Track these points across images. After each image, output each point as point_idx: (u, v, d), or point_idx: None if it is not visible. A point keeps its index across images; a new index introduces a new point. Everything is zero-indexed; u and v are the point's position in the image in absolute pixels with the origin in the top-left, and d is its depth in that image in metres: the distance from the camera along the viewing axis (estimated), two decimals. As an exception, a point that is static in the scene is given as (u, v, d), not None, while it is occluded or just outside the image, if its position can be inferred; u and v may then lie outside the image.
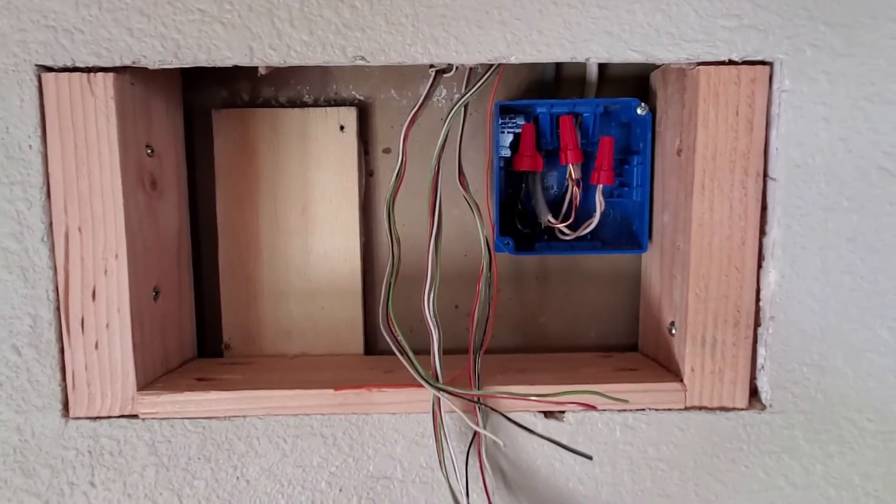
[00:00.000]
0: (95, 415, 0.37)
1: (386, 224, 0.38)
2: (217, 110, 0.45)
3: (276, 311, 0.46)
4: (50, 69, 0.35)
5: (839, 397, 0.37)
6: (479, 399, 0.35)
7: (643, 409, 0.37)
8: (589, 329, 0.48)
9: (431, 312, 0.35)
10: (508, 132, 0.44)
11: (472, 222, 0.44)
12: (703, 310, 0.36)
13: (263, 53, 0.34)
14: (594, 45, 0.34)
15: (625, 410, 0.37)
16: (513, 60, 0.35)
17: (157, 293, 0.40)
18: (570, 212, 0.43)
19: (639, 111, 0.41)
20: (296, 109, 0.45)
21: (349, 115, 0.45)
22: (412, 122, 0.38)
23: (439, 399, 0.35)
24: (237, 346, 0.46)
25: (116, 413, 0.37)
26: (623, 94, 0.46)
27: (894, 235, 0.36)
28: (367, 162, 0.46)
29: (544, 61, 0.35)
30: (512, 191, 0.44)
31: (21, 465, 0.37)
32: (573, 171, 0.43)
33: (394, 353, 0.45)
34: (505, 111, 0.43)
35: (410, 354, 0.34)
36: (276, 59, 0.34)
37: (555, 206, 0.44)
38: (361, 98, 0.46)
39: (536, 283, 0.48)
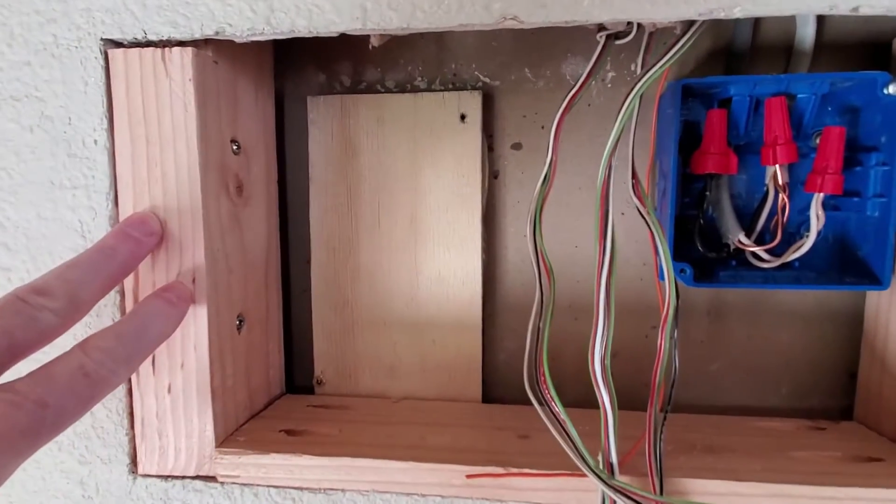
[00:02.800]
0: (168, 473, 0.30)
1: (532, 247, 0.28)
2: (312, 97, 0.37)
3: (378, 343, 0.37)
4: (118, 44, 0.28)
5: None
6: None
7: (915, 530, 0.25)
8: (779, 384, 0.36)
9: (603, 374, 0.25)
10: (689, 121, 0.33)
11: (625, 239, 0.34)
12: None
13: (380, 16, 0.26)
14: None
15: (883, 528, 0.25)
16: (737, 13, 0.24)
17: (241, 322, 0.32)
18: (771, 230, 0.32)
19: (890, 90, 0.29)
20: (406, 95, 0.36)
21: (472, 102, 0.35)
22: (569, 106, 0.28)
23: (613, 499, 0.25)
24: (330, 382, 0.38)
25: (192, 473, 0.30)
26: (844, 68, 0.33)
27: None
28: (491, 160, 0.37)
29: (784, 13, 0.24)
30: (688, 201, 0.33)
31: (84, 525, 0.31)
32: (780, 175, 0.31)
33: (520, 403, 0.36)
34: (686, 93, 0.32)
35: (574, 435, 0.25)
36: (397, 23, 0.26)
37: (744, 223, 0.33)
38: (486, 80, 0.36)
39: (708, 320, 0.36)
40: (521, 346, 0.38)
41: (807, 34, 0.32)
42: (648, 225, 0.27)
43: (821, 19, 0.33)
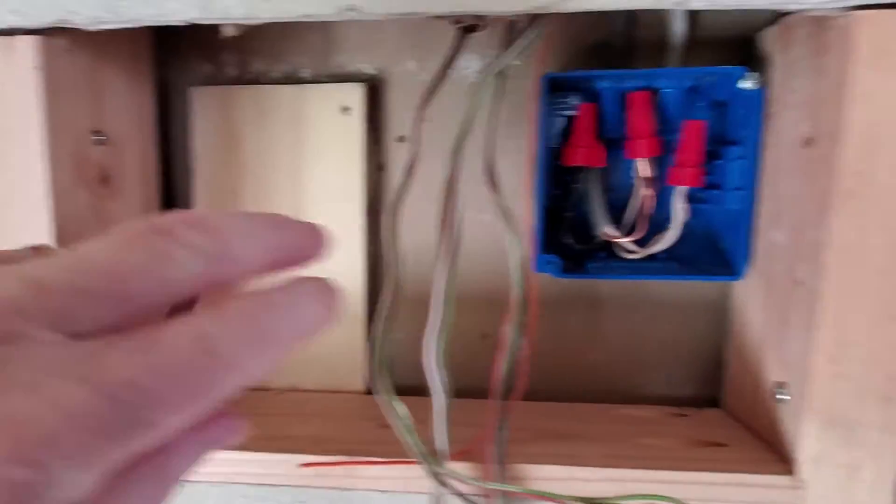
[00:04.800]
0: None
1: (387, 237, 0.28)
2: (196, 88, 0.36)
3: (264, 334, 0.37)
4: (-35, 32, 0.27)
5: None
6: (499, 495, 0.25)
7: (739, 511, 0.26)
8: (655, 373, 0.37)
9: (436, 364, 0.25)
10: (559, 115, 0.33)
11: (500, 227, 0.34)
12: (838, 376, 0.25)
13: (223, 6, 0.25)
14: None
15: (712, 510, 0.26)
16: (569, 7, 0.24)
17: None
18: (638, 222, 0.32)
19: (745, 84, 0.30)
20: (289, 87, 0.36)
21: (354, 94, 0.35)
22: (427, 99, 0.28)
23: (445, 483, 0.25)
24: (219, 374, 0.38)
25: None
26: (717, 62, 0.34)
27: None
28: (377, 153, 0.37)
29: (611, 8, 0.24)
30: (561, 193, 0.34)
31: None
32: (645, 168, 0.32)
33: (403, 393, 0.36)
34: (555, 87, 0.32)
35: (406, 421, 0.25)
36: (240, 14, 0.25)
37: (616, 215, 0.33)
38: (372, 72, 0.36)
39: (586, 312, 0.37)
40: (409, 336, 0.38)
41: (678, 30, 0.33)
42: (501, 211, 0.28)
43: (693, 15, 0.34)
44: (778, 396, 0.28)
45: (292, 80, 0.37)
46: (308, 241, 0.17)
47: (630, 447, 0.28)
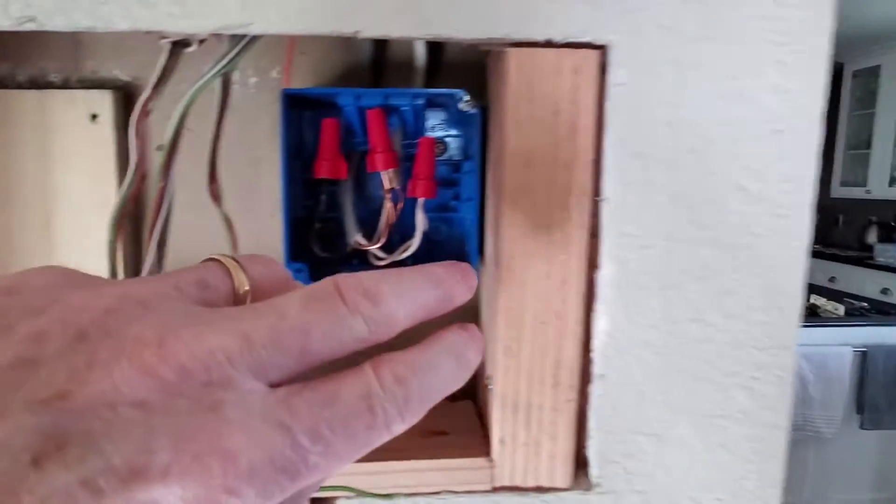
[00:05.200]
0: None
1: (106, 250, 0.28)
2: (-83, 90, 0.34)
3: (12, 352, 0.35)
4: None
5: (682, 473, 0.29)
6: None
7: (438, 493, 0.29)
8: (422, 370, 0.40)
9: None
10: (309, 129, 0.35)
11: (279, 242, 0.35)
12: (515, 366, 0.28)
13: None
14: (364, 15, 0.25)
15: (416, 494, 0.29)
16: (254, 31, 0.25)
17: None
18: (382, 231, 0.35)
19: (462, 106, 0.33)
20: (32, 92, 0.34)
21: (103, 101, 0.34)
22: (144, 111, 0.28)
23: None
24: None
25: None
26: (462, 83, 0.37)
27: (753, 273, 0.28)
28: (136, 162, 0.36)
29: (298, 33, 0.26)
30: (314, 204, 0.35)
31: None
32: (388, 181, 0.34)
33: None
34: (303, 102, 0.34)
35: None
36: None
37: (372, 224, 0.35)
38: (127, 79, 0.36)
39: (359, 315, 0.39)
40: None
41: (420, 53, 0.35)
42: (222, 220, 0.28)
43: (436, 43, 0.36)
44: (489, 386, 0.31)
45: (40, 84, 0.35)
46: (460, 288, 0.19)
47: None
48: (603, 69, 0.27)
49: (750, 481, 0.29)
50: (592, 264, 0.28)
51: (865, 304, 1.68)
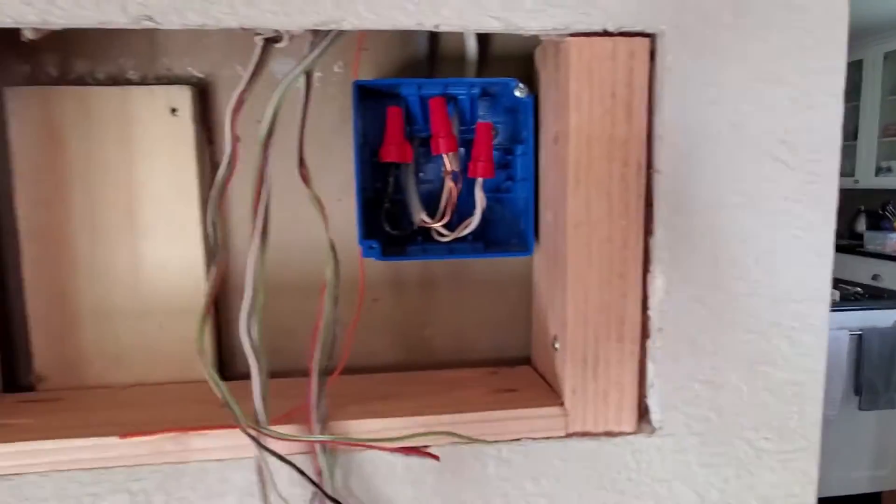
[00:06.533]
0: None
1: (208, 229, 0.31)
2: (11, 88, 0.36)
3: (101, 333, 0.38)
4: None
5: (734, 416, 0.33)
6: (322, 444, 0.29)
7: (518, 440, 0.32)
8: (479, 341, 0.43)
9: (252, 338, 0.28)
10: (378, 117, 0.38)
11: (347, 223, 0.38)
12: (583, 323, 0.31)
13: (15, 10, 0.27)
14: (445, 10, 0.28)
15: (498, 441, 0.31)
16: (346, 26, 0.28)
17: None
18: (447, 209, 0.38)
19: (517, 93, 0.36)
20: (114, 88, 0.37)
21: (182, 96, 0.37)
22: (239, 103, 0.31)
23: (263, 444, 0.28)
24: (53, 378, 0.38)
25: None
26: (509, 74, 0.40)
27: (790, 235, 0.32)
28: (212, 152, 0.39)
29: (385, 28, 0.29)
30: (381, 186, 0.38)
31: None
32: (449, 163, 0.37)
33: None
34: (368, 92, 0.37)
35: (223, 388, 0.28)
36: (33, 18, 0.27)
37: (433, 203, 0.38)
38: (200, 76, 0.38)
39: (419, 292, 0.42)
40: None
41: (471, 46, 0.39)
42: (312, 200, 0.31)
43: (486, 35, 0.39)
44: (554, 346, 0.34)
45: (119, 81, 0.38)
46: None
47: (440, 400, 0.33)
48: (653, 55, 0.30)
49: (792, 420, 0.33)
50: (648, 230, 0.31)
51: (860, 290, 1.73)
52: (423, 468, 0.31)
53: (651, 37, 0.30)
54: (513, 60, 0.40)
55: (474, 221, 0.37)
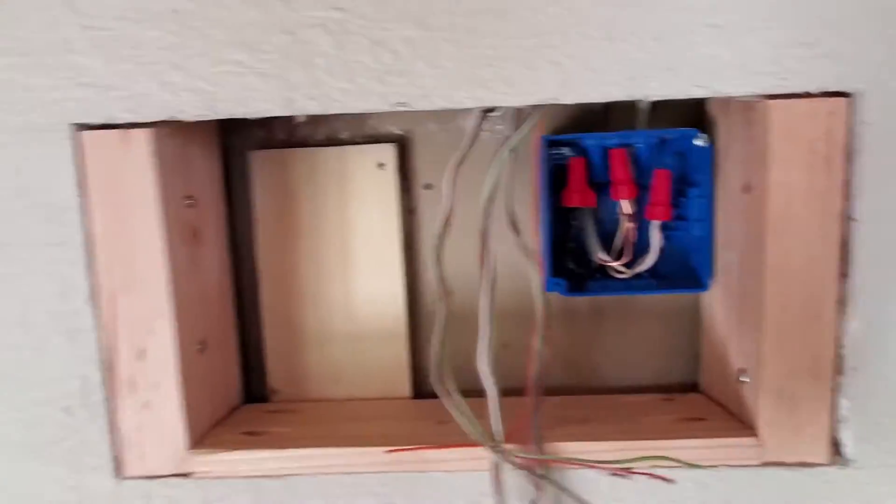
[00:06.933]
0: (148, 474, 0.36)
1: (435, 275, 0.36)
2: (255, 152, 0.43)
3: (321, 355, 0.45)
4: (87, 126, 0.34)
5: (930, 451, 0.34)
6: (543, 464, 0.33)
7: (715, 466, 0.35)
8: (645, 367, 0.46)
9: (487, 370, 0.33)
10: (555, 165, 0.42)
11: (517, 258, 0.42)
12: (780, 361, 0.34)
13: (302, 104, 0.33)
14: (653, 82, 0.32)
15: (695, 467, 0.35)
16: (565, 101, 0.33)
17: (203, 346, 0.39)
18: (625, 249, 0.41)
19: (698, 142, 0.39)
20: (333, 148, 0.43)
21: (388, 152, 0.43)
22: (459, 164, 0.36)
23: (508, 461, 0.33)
24: (283, 391, 0.45)
25: (169, 472, 0.36)
26: (676, 122, 0.43)
27: None
28: (407, 199, 0.45)
29: (599, 101, 0.33)
30: (560, 228, 0.42)
31: (77, 525, 0.37)
32: (626, 207, 0.41)
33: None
34: (551, 144, 0.41)
35: (468, 414, 0.33)
36: (316, 109, 0.33)
37: (606, 243, 0.42)
38: (400, 132, 0.44)
39: (588, 320, 0.46)
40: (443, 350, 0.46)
41: (645, 100, 0.42)
42: (524, 252, 0.36)
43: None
44: (741, 379, 0.37)
45: (333, 141, 0.44)
46: None
47: (633, 425, 0.37)
48: (851, 111, 0.32)
49: None
50: (843, 273, 0.33)
51: None
52: (626, 487, 0.35)
53: (849, 96, 0.32)
54: (678, 109, 0.43)
55: (650, 259, 0.41)
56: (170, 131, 0.35)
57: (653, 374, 0.46)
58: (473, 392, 0.35)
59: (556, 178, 0.41)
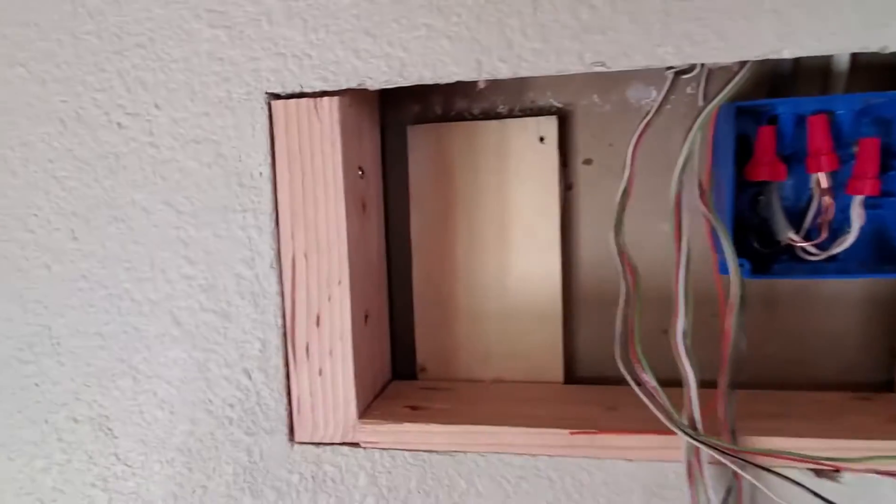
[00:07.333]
0: (319, 440, 0.37)
1: (616, 249, 0.34)
2: (412, 126, 0.43)
3: (472, 333, 0.44)
4: (278, 96, 0.35)
5: None
6: (743, 457, 0.30)
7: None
8: (828, 362, 0.41)
9: (685, 351, 0.31)
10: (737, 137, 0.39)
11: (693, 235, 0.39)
12: None
13: (492, 66, 0.32)
14: (894, 30, 0.28)
15: (922, 472, 0.30)
16: (786, 55, 0.30)
17: (367, 317, 0.39)
18: (818, 227, 0.37)
19: (916, 106, 0.34)
20: (493, 122, 0.42)
21: (549, 126, 0.41)
22: (644, 132, 0.34)
23: (698, 450, 0.30)
24: (432, 369, 0.45)
25: (339, 440, 0.36)
26: (875, 86, 0.38)
27: None
28: (566, 175, 0.43)
29: (826, 53, 0.29)
30: (742, 205, 0.39)
31: (250, 485, 0.38)
32: (823, 180, 0.37)
33: (598, 384, 0.42)
34: (739, 112, 0.37)
35: (666, 402, 0.30)
36: (506, 72, 0.32)
37: (792, 221, 0.38)
38: (560, 106, 0.43)
39: (762, 308, 0.42)
40: (595, 334, 0.44)
41: (842, 60, 0.38)
42: (715, 229, 0.33)
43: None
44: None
45: (491, 115, 0.43)
46: None
47: (837, 424, 0.33)
48: None
49: None
50: None
51: None
52: (833, 491, 0.31)
53: None
54: (875, 71, 0.38)
55: (850, 239, 0.36)
56: (350, 101, 0.36)
57: (837, 370, 0.41)
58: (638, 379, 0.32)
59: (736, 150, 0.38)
